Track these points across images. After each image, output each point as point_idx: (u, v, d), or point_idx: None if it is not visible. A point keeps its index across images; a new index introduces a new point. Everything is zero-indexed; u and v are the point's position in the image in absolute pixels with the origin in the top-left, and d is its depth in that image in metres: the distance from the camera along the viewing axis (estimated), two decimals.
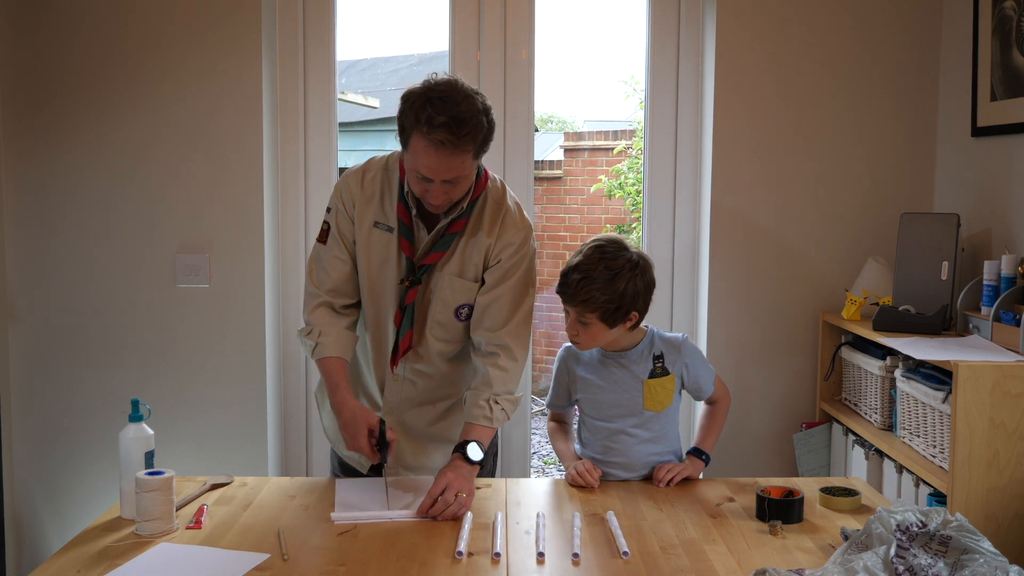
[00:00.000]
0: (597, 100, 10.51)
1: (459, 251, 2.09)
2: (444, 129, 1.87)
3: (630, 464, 2.19)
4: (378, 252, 2.11)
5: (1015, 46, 2.51)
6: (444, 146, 1.89)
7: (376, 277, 2.13)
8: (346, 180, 2.14)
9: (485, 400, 2.04)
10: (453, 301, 2.12)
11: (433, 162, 1.91)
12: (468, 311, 2.13)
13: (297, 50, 2.99)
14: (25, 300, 2.94)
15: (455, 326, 2.14)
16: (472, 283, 2.11)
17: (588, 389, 2.22)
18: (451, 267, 2.10)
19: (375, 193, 2.11)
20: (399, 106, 1.97)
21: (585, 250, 2.12)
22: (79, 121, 2.89)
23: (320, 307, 2.14)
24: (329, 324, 2.13)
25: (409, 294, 2.09)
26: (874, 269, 2.84)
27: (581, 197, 7.14)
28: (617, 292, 2.07)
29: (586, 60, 8.49)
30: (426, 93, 1.92)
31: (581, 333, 2.13)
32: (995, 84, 2.60)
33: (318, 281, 2.15)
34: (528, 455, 3.13)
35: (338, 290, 2.15)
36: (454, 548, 1.79)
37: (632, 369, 2.19)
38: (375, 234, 2.11)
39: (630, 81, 6.93)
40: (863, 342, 2.74)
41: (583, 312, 2.09)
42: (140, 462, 1.94)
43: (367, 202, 2.11)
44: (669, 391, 2.21)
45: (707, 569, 1.71)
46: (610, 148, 7.00)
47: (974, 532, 1.57)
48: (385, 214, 2.11)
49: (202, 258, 2.92)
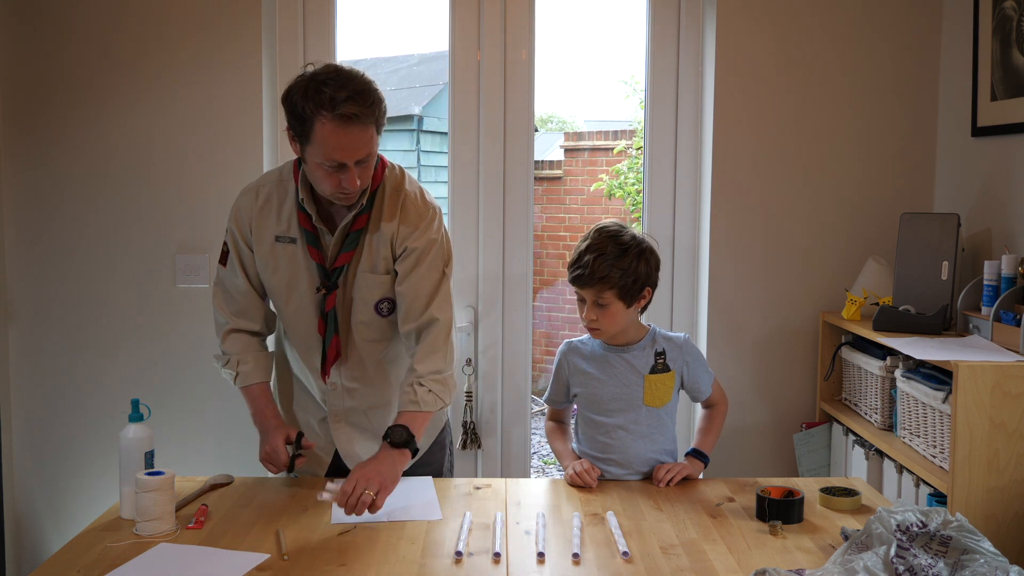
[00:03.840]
0: (597, 100, 10.48)
1: (367, 247, 2.06)
2: (351, 102, 1.85)
3: (627, 461, 2.20)
4: (285, 266, 2.09)
5: (1015, 46, 2.51)
6: (354, 120, 1.86)
7: (289, 291, 2.10)
8: (240, 200, 2.14)
9: (410, 384, 2.03)
10: (371, 298, 2.09)
11: (345, 141, 1.87)
12: (389, 304, 2.11)
13: (297, 50, 2.99)
14: (25, 300, 2.94)
15: (379, 323, 2.12)
16: (385, 275, 2.08)
17: (588, 383, 2.22)
18: (363, 264, 2.07)
19: (272, 207, 2.09)
20: (286, 107, 1.92)
21: (591, 234, 2.16)
22: (79, 121, 2.89)
23: (231, 334, 2.17)
24: (244, 351, 2.16)
25: (328, 300, 2.07)
26: (874, 269, 2.83)
27: (581, 197, 7.13)
28: (631, 266, 2.11)
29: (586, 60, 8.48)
30: (314, 79, 1.88)
31: (600, 317, 2.14)
32: (995, 84, 2.60)
33: (225, 306, 2.17)
34: (528, 455, 3.13)
35: (245, 314, 2.16)
36: (454, 548, 1.79)
37: (634, 364, 2.20)
38: (278, 248, 2.09)
39: (630, 81, 6.92)
40: (863, 342, 2.74)
41: (601, 292, 2.11)
42: (140, 462, 1.94)
43: (264, 218, 2.09)
44: (669, 388, 2.22)
45: (707, 569, 1.71)
46: (610, 148, 7.00)
47: (974, 532, 1.57)
48: (286, 226, 2.08)
49: (202, 258, 2.92)
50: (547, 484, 2.18)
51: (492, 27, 3.00)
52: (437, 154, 4.70)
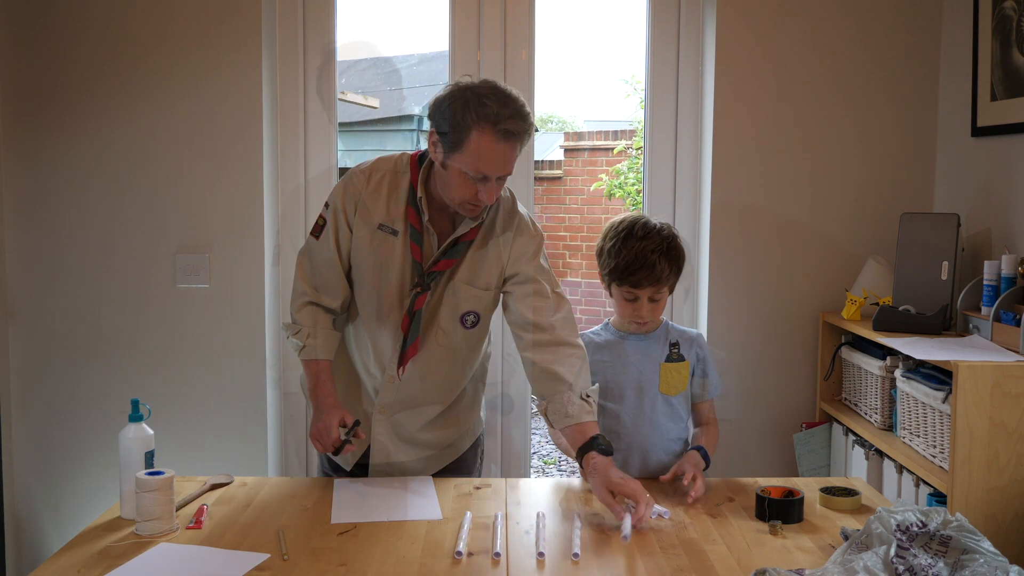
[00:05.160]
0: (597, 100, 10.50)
1: (469, 258, 2.09)
2: (512, 120, 1.90)
3: (640, 448, 2.22)
4: (380, 255, 2.10)
5: (1015, 46, 2.51)
6: (511, 138, 1.91)
7: (378, 280, 2.11)
8: (352, 178, 2.12)
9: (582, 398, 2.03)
10: (460, 308, 2.11)
11: (498, 156, 1.92)
12: (474, 318, 2.14)
13: (297, 50, 2.99)
14: (25, 300, 2.94)
15: (459, 333, 2.14)
16: (483, 291, 2.11)
17: (605, 370, 2.24)
18: (461, 274, 2.09)
19: (382, 194, 2.09)
20: (444, 110, 1.94)
21: (639, 232, 2.17)
22: (79, 120, 2.89)
23: (308, 305, 2.15)
24: (316, 325, 2.15)
25: (418, 300, 2.07)
26: (874, 269, 2.84)
27: (581, 197, 7.14)
28: (682, 256, 2.20)
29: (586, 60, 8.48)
30: (475, 91, 1.92)
31: (653, 311, 2.20)
32: (995, 84, 2.60)
33: (309, 277, 2.15)
34: (528, 455, 3.13)
35: (327, 289, 2.15)
36: (454, 548, 1.79)
37: (650, 352, 2.24)
38: (378, 236, 2.09)
39: (630, 81, 6.92)
40: (863, 342, 2.74)
41: (661, 288, 2.17)
42: (140, 462, 1.94)
43: (373, 203, 2.09)
44: (684, 377, 2.25)
45: (707, 569, 1.71)
46: (610, 148, 7.00)
47: (974, 532, 1.57)
48: (391, 217, 2.09)
49: (202, 258, 2.92)
50: (547, 484, 2.18)
51: (492, 27, 3.00)
52: None
